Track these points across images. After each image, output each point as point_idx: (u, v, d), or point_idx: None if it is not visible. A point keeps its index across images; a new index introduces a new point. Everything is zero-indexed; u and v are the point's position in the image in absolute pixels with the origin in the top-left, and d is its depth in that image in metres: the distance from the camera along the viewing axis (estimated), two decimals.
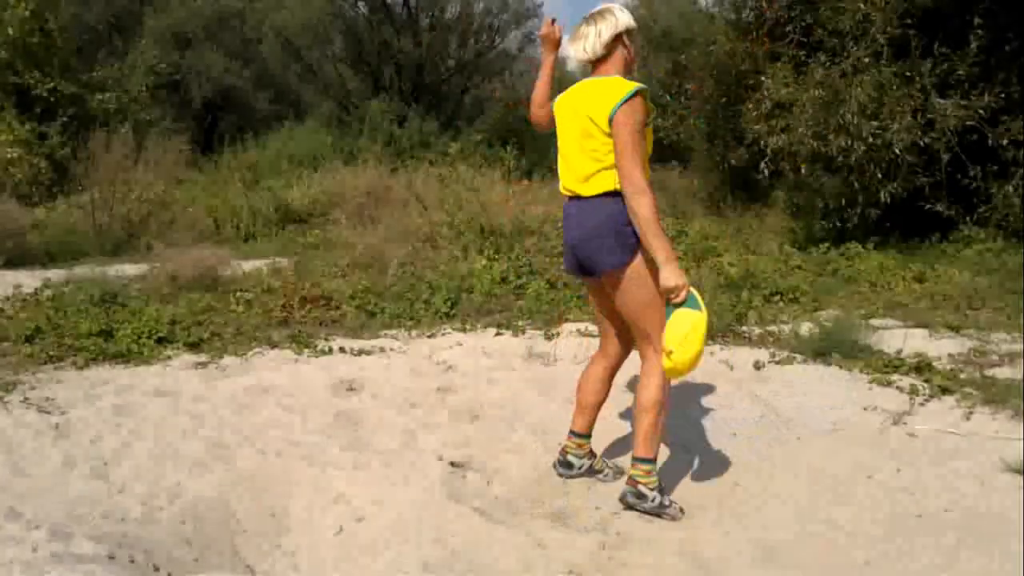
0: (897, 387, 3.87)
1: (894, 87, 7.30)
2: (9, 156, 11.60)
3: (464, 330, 5.25)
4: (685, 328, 2.55)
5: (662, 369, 2.69)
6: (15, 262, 8.02)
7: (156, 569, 2.45)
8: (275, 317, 5.55)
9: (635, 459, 2.82)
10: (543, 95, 3.06)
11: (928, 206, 7.53)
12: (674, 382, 4.15)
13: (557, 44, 3.08)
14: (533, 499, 2.99)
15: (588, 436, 3.12)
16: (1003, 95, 7.13)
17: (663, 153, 13.04)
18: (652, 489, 2.80)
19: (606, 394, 3.10)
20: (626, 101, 2.63)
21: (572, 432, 3.12)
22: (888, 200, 7.49)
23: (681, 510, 2.82)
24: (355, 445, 3.43)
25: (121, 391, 4.03)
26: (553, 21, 3.06)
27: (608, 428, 3.52)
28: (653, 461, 2.82)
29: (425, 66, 20.82)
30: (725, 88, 9.87)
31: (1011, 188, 7.12)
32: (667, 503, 2.81)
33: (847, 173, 7.65)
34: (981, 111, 7.09)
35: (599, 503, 2.94)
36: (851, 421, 3.57)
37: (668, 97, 11.86)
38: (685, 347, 2.54)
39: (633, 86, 2.67)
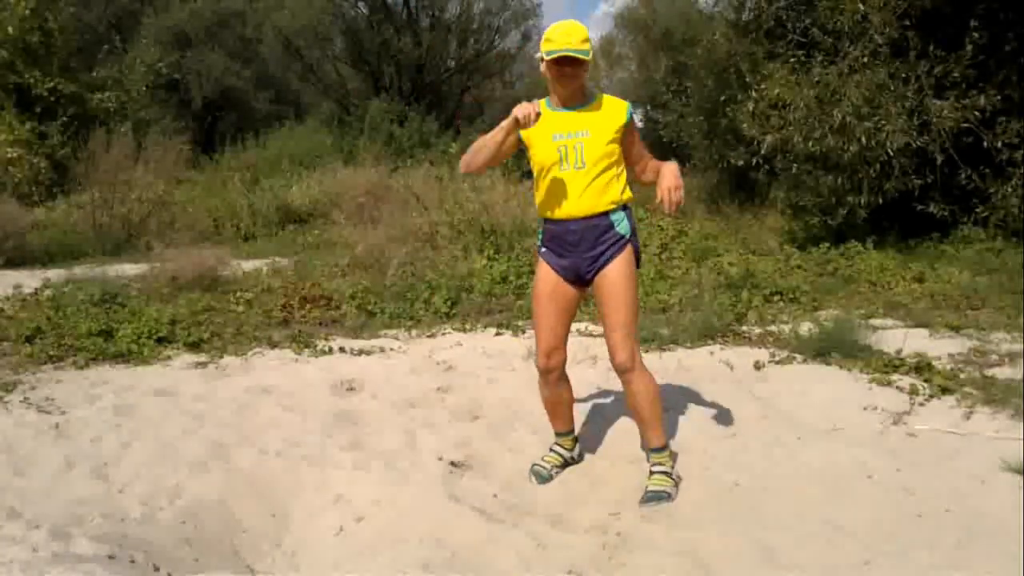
0: (897, 387, 3.86)
1: (891, 87, 7.30)
2: (9, 156, 11.61)
3: (464, 330, 5.25)
4: None
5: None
6: (15, 262, 8.03)
7: (156, 569, 2.45)
8: (275, 317, 5.55)
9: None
10: None
11: (921, 207, 7.54)
12: (675, 381, 4.15)
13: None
14: (533, 499, 2.99)
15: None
16: (1000, 97, 7.12)
17: (663, 152, 13.07)
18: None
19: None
20: None
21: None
22: (879, 201, 7.50)
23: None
24: (355, 445, 3.43)
25: (121, 391, 4.03)
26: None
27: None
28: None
29: (425, 66, 20.83)
30: (724, 87, 9.88)
31: (1010, 189, 7.12)
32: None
33: (839, 172, 7.67)
34: (978, 113, 7.09)
35: (599, 503, 2.94)
36: (851, 421, 3.57)
37: (668, 95, 11.88)
38: None
39: None
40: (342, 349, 4.84)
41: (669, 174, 2.77)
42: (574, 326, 5.02)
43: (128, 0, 22.15)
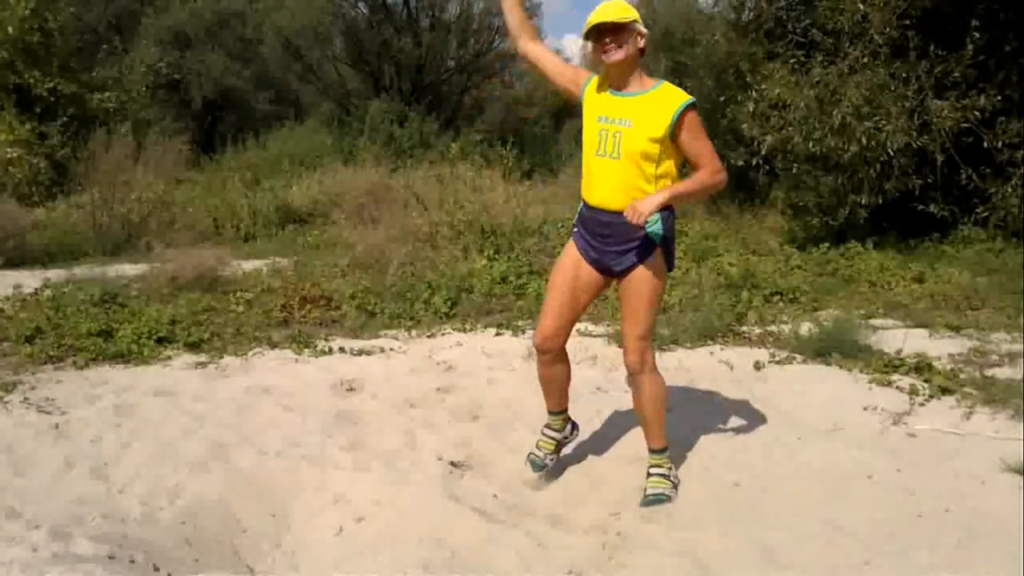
0: (897, 387, 3.87)
1: (891, 87, 7.30)
2: (9, 156, 11.60)
3: (464, 330, 5.25)
4: None
5: None
6: (15, 262, 8.02)
7: (156, 569, 2.45)
8: (275, 317, 5.55)
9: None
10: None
11: (921, 207, 7.54)
12: (675, 381, 4.15)
13: None
14: (533, 499, 2.99)
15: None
16: (1000, 97, 7.12)
17: None
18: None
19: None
20: None
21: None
22: (879, 201, 7.50)
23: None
24: (355, 445, 3.43)
25: (121, 391, 4.03)
26: None
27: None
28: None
29: (425, 66, 20.83)
30: (724, 87, 9.88)
31: (1010, 189, 7.12)
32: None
33: (839, 173, 7.67)
34: (978, 113, 7.09)
35: (599, 503, 2.94)
36: (851, 421, 3.57)
37: None
38: None
39: None
40: (342, 349, 4.84)
41: (650, 198, 2.62)
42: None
43: (128, 0, 22.15)
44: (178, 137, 14.08)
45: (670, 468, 3.00)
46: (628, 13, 2.68)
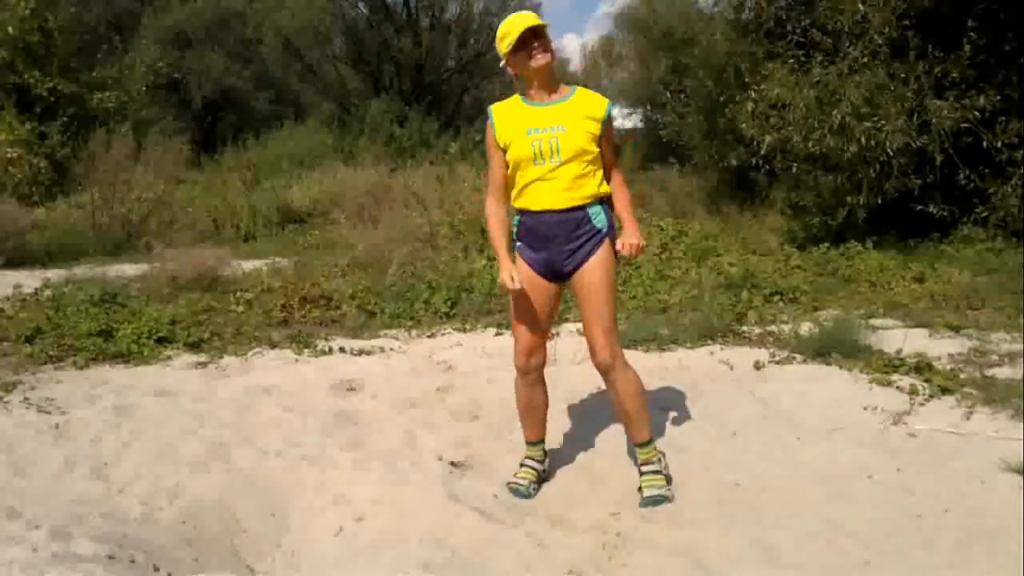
0: (897, 387, 3.86)
1: (890, 88, 7.31)
2: (9, 156, 11.61)
3: (464, 330, 5.25)
4: None
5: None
6: (15, 262, 8.03)
7: (156, 569, 2.45)
8: (275, 317, 5.56)
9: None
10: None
11: (920, 207, 7.54)
12: (675, 381, 4.15)
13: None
14: (533, 499, 2.98)
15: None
16: (1000, 97, 7.12)
17: (663, 152, 13.08)
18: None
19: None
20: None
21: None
22: (878, 201, 7.50)
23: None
24: (355, 445, 3.43)
25: (121, 391, 4.03)
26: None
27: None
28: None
29: (425, 66, 20.84)
30: (724, 87, 9.89)
31: (1009, 189, 7.12)
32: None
33: (839, 173, 7.68)
34: (977, 113, 7.09)
35: (599, 503, 2.94)
36: (851, 421, 3.57)
37: (668, 95, 11.89)
38: None
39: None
40: (342, 349, 4.84)
41: (635, 233, 2.78)
42: (572, 326, 5.04)
43: (128, 0, 22.15)
44: (178, 137, 14.09)
45: (659, 459, 2.98)
46: (541, 20, 2.77)
